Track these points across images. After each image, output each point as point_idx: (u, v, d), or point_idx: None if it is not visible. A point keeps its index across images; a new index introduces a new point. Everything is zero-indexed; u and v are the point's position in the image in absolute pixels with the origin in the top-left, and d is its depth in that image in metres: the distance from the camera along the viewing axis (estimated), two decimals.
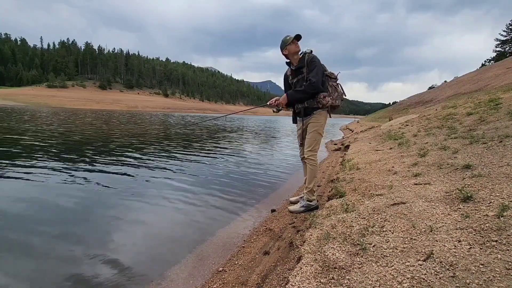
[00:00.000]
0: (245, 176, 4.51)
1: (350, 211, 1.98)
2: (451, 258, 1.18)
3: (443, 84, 32.83)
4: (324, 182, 3.81)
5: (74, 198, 3.10)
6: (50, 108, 39.83)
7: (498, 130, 3.19)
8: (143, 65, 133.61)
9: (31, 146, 6.26)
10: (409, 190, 2.11)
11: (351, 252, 1.41)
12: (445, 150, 3.06)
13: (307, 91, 2.47)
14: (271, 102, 2.69)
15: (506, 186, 1.72)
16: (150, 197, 3.25)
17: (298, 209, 2.64)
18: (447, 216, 1.55)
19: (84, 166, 4.57)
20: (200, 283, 1.74)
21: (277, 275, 1.59)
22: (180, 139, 9.47)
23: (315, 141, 2.57)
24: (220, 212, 2.90)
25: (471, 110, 5.35)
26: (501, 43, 39.47)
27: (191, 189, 3.62)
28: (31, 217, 2.59)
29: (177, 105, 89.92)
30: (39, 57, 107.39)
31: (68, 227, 2.44)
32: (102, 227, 2.48)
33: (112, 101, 70.48)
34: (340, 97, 2.60)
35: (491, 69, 19.42)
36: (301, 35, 2.48)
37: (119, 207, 2.94)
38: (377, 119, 20.87)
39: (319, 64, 2.47)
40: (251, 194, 3.56)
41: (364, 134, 9.42)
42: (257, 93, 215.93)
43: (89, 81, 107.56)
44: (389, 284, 1.12)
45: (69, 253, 2.02)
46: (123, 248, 2.12)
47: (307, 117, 2.60)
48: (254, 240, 2.27)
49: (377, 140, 6.25)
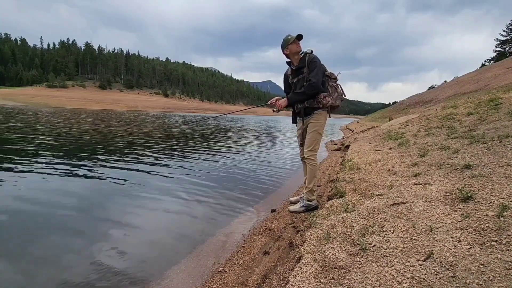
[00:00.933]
0: (245, 176, 4.51)
1: (350, 211, 1.98)
2: (451, 258, 1.18)
3: (443, 84, 32.83)
4: (324, 182, 3.81)
5: (74, 197, 3.10)
6: (50, 108, 39.83)
7: (498, 130, 3.19)
8: (143, 65, 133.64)
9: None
10: (409, 190, 2.11)
11: (351, 252, 1.41)
12: (445, 150, 3.06)
13: (307, 93, 2.47)
14: (271, 101, 2.70)
15: (506, 186, 1.72)
16: (150, 197, 3.25)
17: (298, 209, 2.64)
18: (447, 216, 1.55)
19: (87, 165, 4.57)
20: (200, 283, 1.74)
21: (277, 275, 1.59)
22: (182, 139, 9.47)
23: (315, 141, 2.57)
24: (220, 212, 2.90)
25: (471, 110, 5.35)
26: (501, 43, 39.47)
27: (191, 189, 3.62)
28: (37, 212, 2.60)
29: (177, 105, 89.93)
30: (39, 57, 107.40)
31: (67, 226, 2.43)
32: (102, 227, 2.48)
33: (112, 101, 70.49)
34: (340, 98, 2.59)
35: (491, 69, 19.42)
36: (302, 35, 2.48)
37: (119, 207, 2.94)
38: (377, 119, 20.88)
39: (319, 64, 2.47)
40: (251, 194, 3.56)
41: (364, 134, 9.42)
42: (257, 93, 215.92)
43: (89, 81, 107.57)
44: (389, 284, 1.12)
45: (68, 253, 2.02)
46: (123, 248, 2.11)
47: (307, 117, 2.60)
48: (254, 240, 2.27)
49: (377, 140, 6.25)
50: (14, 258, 1.93)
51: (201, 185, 3.85)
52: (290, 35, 2.52)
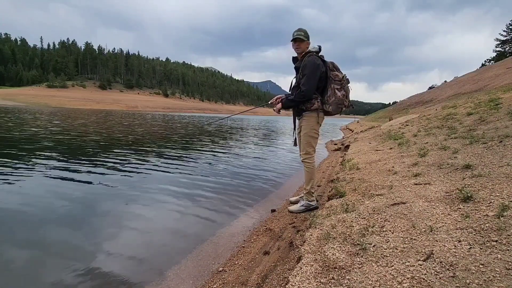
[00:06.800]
0: (245, 176, 4.51)
1: (350, 211, 1.98)
2: (451, 258, 1.18)
3: (443, 84, 32.83)
4: (324, 182, 3.81)
5: (76, 196, 3.10)
6: (50, 108, 39.83)
7: (498, 130, 3.19)
8: (143, 65, 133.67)
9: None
10: (409, 190, 2.11)
11: (351, 252, 1.41)
12: (445, 150, 3.06)
13: (296, 100, 2.48)
14: (272, 101, 2.71)
15: (506, 186, 1.72)
16: (150, 197, 3.25)
17: (298, 209, 2.64)
18: (447, 216, 1.55)
19: (85, 166, 4.57)
20: (200, 283, 1.73)
21: (277, 275, 1.59)
22: (182, 139, 9.47)
23: (308, 144, 2.56)
24: (220, 212, 2.90)
25: (471, 110, 5.34)
26: (501, 43, 39.45)
27: (191, 189, 3.62)
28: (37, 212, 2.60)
29: (177, 105, 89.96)
30: (39, 57, 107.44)
31: (67, 226, 2.43)
32: (101, 227, 2.48)
33: (112, 101, 70.51)
34: (338, 103, 2.43)
35: (491, 69, 19.43)
36: (300, 38, 2.41)
37: (118, 207, 2.94)
38: (377, 119, 20.88)
39: (313, 70, 2.34)
40: (251, 194, 3.56)
41: (364, 134, 9.42)
42: (257, 93, 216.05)
43: (89, 81, 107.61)
44: (389, 284, 1.12)
45: (67, 253, 2.02)
46: (123, 248, 2.11)
47: (299, 117, 2.62)
48: (254, 240, 2.27)
49: (377, 140, 6.25)
50: (13, 258, 1.93)
51: (200, 185, 3.84)
52: (296, 31, 2.46)
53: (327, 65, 2.46)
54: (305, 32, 2.45)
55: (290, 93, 2.62)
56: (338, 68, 2.49)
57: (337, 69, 2.47)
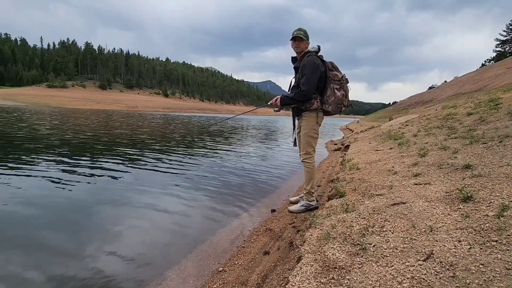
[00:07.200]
0: (245, 176, 4.51)
1: (350, 211, 1.98)
2: (451, 258, 1.18)
3: (443, 84, 32.83)
4: (324, 182, 3.81)
5: (76, 196, 3.10)
6: (50, 108, 39.83)
7: (498, 130, 3.19)
8: (143, 65, 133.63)
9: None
10: (409, 190, 2.11)
11: (351, 252, 1.41)
12: (445, 150, 3.06)
13: (295, 99, 2.47)
14: (272, 102, 2.70)
15: (506, 186, 1.72)
16: (150, 197, 3.25)
17: (298, 209, 2.64)
18: (447, 216, 1.55)
19: (84, 166, 4.57)
20: (200, 283, 1.74)
21: (277, 275, 1.59)
22: (181, 139, 9.47)
23: (308, 144, 2.56)
24: (220, 212, 2.90)
25: (471, 110, 5.34)
26: (501, 43, 39.44)
27: (191, 189, 3.62)
28: (37, 212, 2.60)
29: (177, 105, 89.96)
30: (39, 57, 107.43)
31: (67, 226, 2.43)
32: (102, 227, 2.48)
33: (112, 101, 70.51)
34: (338, 103, 2.43)
35: (491, 69, 19.43)
36: (299, 37, 2.41)
37: (118, 207, 2.94)
38: (377, 119, 20.88)
39: (313, 70, 2.34)
40: (251, 194, 3.56)
41: (364, 134, 9.42)
42: (257, 93, 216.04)
43: (89, 81, 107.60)
44: (389, 284, 1.12)
45: (67, 253, 2.02)
46: (123, 248, 2.11)
47: (299, 117, 2.62)
48: (254, 240, 2.27)
49: (377, 140, 6.25)
50: (13, 258, 1.93)
51: (201, 185, 3.85)
52: (296, 30, 2.46)
53: (327, 65, 2.46)
54: (305, 32, 2.45)
55: (290, 93, 2.62)
56: (337, 68, 2.49)
57: (336, 69, 2.47)
